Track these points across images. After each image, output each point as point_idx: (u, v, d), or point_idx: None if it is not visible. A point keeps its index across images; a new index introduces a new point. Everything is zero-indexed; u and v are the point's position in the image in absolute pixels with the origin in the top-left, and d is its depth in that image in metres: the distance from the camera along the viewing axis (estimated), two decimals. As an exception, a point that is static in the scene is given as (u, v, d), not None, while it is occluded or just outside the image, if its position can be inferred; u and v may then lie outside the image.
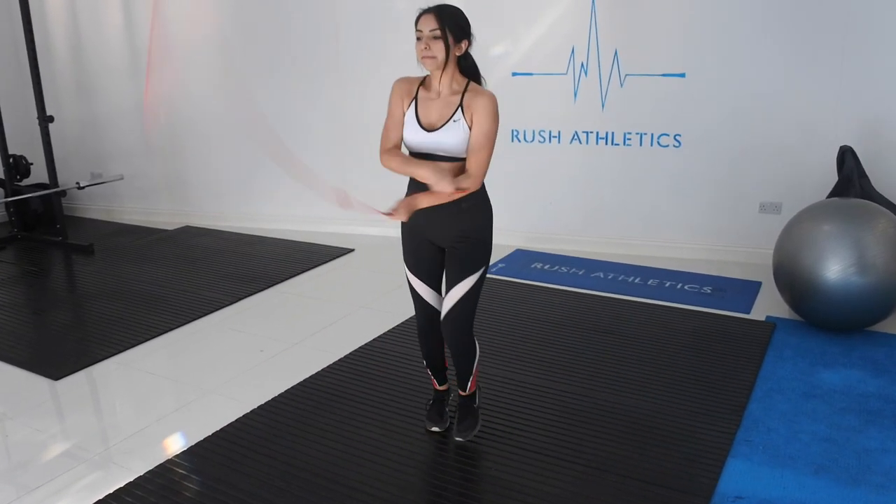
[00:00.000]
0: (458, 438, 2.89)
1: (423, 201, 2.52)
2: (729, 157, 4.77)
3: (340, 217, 5.84)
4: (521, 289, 4.57)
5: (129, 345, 3.93)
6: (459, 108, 2.52)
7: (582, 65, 4.99)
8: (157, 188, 6.59)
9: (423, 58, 2.50)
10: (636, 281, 4.62)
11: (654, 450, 2.79)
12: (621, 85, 4.91)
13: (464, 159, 2.55)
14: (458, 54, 2.53)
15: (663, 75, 4.78)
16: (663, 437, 2.87)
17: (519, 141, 5.31)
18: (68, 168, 6.65)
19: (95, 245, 5.76)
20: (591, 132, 5.09)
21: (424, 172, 2.48)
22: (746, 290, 4.36)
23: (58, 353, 3.87)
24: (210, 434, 3.00)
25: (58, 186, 5.84)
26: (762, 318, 3.97)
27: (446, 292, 2.71)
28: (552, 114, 5.17)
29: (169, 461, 2.83)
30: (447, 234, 2.65)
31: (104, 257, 5.59)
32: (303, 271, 5.08)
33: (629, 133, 4.98)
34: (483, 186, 2.65)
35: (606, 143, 5.07)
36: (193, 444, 2.94)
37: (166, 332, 4.10)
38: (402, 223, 2.70)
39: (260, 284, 4.82)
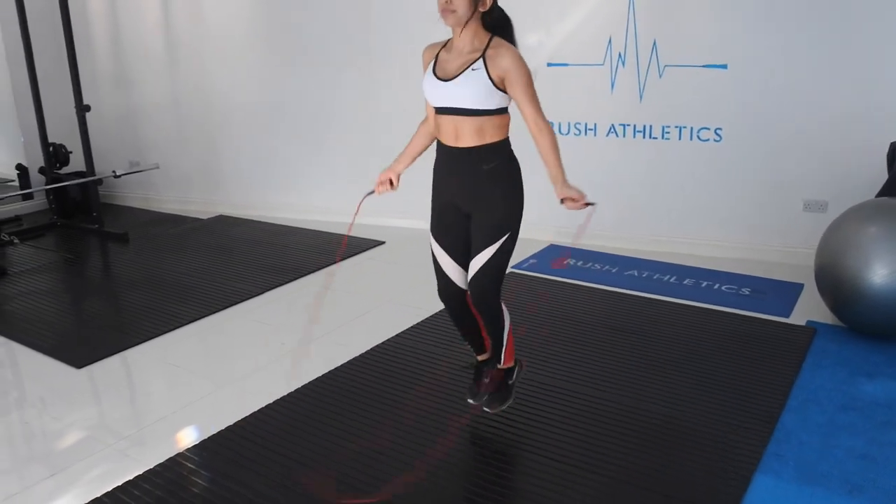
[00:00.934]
0: (484, 408, 2.83)
1: (563, 178, 2.56)
2: (772, 152, 4.55)
3: (374, 209, 5.78)
4: (551, 286, 4.45)
5: (154, 334, 3.93)
6: (481, 59, 2.41)
7: (619, 55, 4.82)
8: (191, 177, 6.63)
9: (442, 11, 2.39)
10: (671, 280, 4.46)
11: (678, 460, 2.66)
12: (660, 76, 4.74)
13: (485, 112, 2.44)
14: (482, 10, 2.42)
15: (704, 66, 4.59)
16: (689, 447, 2.74)
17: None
18: (108, 157, 6.72)
19: (130, 233, 5.81)
20: (629, 125, 4.93)
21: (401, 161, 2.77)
22: (787, 293, 4.17)
23: (82, 341, 3.89)
24: (223, 428, 2.96)
25: (94, 175, 5.90)
26: (802, 322, 3.78)
27: (472, 257, 2.60)
28: (588, 106, 5.02)
29: (180, 455, 2.80)
30: (471, 198, 2.56)
31: (138, 245, 5.63)
32: (331, 263, 5.03)
33: (668, 126, 4.80)
34: (507, 145, 2.56)
35: (644, 137, 4.90)
36: (206, 437, 2.91)
37: (191, 322, 4.09)
38: (433, 187, 2.67)
39: (288, 275, 4.79)
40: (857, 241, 3.43)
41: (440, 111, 2.51)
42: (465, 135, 2.48)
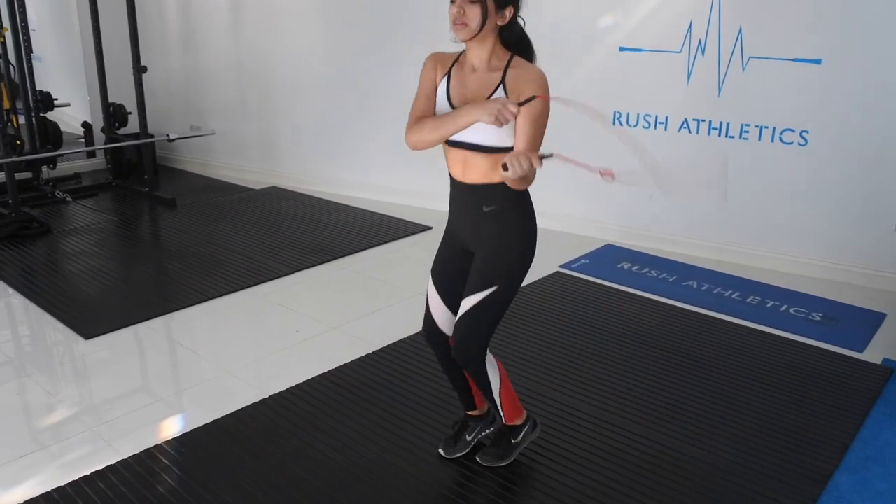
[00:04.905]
0: (478, 458, 2.54)
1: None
2: (864, 162, 4.01)
3: (424, 191, 5.51)
4: (598, 291, 4.06)
5: (171, 309, 3.79)
6: (501, 87, 2.07)
7: (699, 43, 4.35)
8: (250, 146, 6.51)
9: (454, 23, 2.05)
10: (734, 296, 4.00)
11: (700, 517, 2.29)
12: (743, 69, 4.24)
13: (502, 149, 2.09)
14: (500, 24, 2.07)
15: (794, 60, 4.07)
16: (714, 503, 2.36)
17: (621, 124, 4.75)
18: (170, 119, 6.69)
19: (180, 199, 5.74)
20: (704, 120, 4.46)
21: (467, 117, 2.00)
22: (864, 322, 3.66)
23: (98, 311, 3.79)
24: (209, 422, 2.76)
25: (147, 137, 5.84)
26: (878, 360, 3.29)
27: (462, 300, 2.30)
28: (661, 97, 4.57)
29: (157, 447, 2.61)
30: (471, 239, 2.26)
31: (184, 212, 5.54)
32: (371, 246, 4.79)
33: (747, 125, 4.31)
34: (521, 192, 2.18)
35: (720, 135, 4.42)
36: (189, 430, 2.72)
37: (212, 299, 3.93)
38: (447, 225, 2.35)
39: (323, 256, 4.58)
40: (952, 274, 2.93)
41: (450, 143, 2.17)
42: (473, 171, 2.16)
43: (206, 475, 2.46)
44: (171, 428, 2.76)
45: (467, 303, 2.23)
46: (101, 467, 2.49)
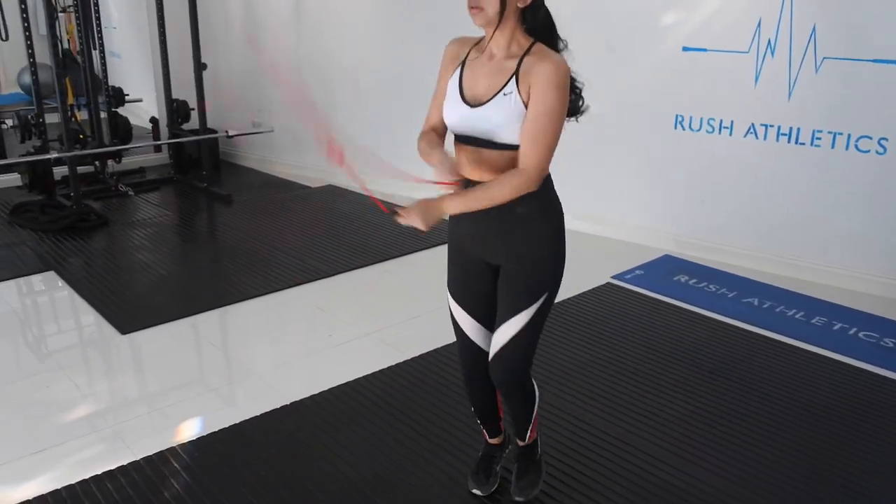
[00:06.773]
0: (517, 498, 2.34)
1: (451, 205, 1.93)
2: (951, 175, 3.67)
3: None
4: (650, 305, 3.84)
5: (208, 307, 3.77)
6: (513, 78, 1.85)
7: (769, 42, 4.06)
8: (308, 143, 6.48)
9: (470, 8, 1.87)
10: (798, 316, 3.71)
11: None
12: (816, 70, 3.93)
13: (517, 147, 1.88)
14: (520, 6, 1.86)
15: (874, 61, 3.75)
16: (753, 547, 2.15)
17: (683, 129, 4.50)
18: (233, 115, 6.75)
19: (236, 195, 5.78)
20: (772, 126, 4.16)
21: (433, 161, 1.98)
22: (944, 352, 3.33)
23: (139, 305, 3.80)
24: (226, 426, 2.70)
25: (206, 133, 5.91)
26: (955, 395, 2.98)
27: (496, 326, 2.08)
28: (726, 99, 4.30)
29: (170, 450, 2.57)
30: (500, 249, 2.02)
31: (239, 209, 5.57)
32: (418, 249, 4.69)
33: (819, 131, 4.00)
34: (548, 183, 1.98)
35: (789, 141, 4.12)
36: (206, 433, 2.67)
37: (252, 298, 3.90)
38: (449, 232, 2.14)
39: (368, 258, 4.50)
40: None
41: (462, 139, 1.98)
42: (494, 170, 1.93)
43: (214, 482, 2.40)
44: (189, 430, 2.71)
45: (514, 324, 2.03)
46: (113, 467, 2.47)
